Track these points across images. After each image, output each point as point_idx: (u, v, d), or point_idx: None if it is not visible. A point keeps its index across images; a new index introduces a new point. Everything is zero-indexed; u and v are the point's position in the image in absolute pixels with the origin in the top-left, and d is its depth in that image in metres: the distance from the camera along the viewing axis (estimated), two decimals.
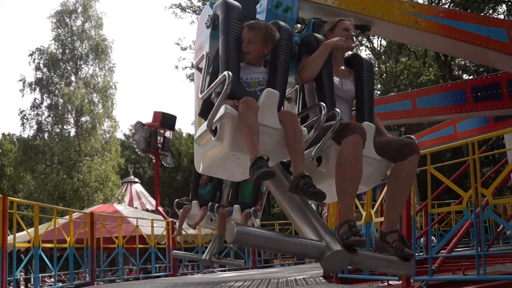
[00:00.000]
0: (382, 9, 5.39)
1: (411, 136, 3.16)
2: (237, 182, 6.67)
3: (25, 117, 27.25)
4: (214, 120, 2.72)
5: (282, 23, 3.34)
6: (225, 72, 2.66)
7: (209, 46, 3.13)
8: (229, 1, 3.15)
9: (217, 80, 2.74)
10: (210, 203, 7.24)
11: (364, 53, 46.18)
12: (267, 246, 2.59)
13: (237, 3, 3.18)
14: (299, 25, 3.92)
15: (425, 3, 20.26)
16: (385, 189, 5.44)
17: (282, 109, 3.04)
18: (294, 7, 3.69)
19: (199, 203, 7.34)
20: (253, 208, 6.81)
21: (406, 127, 22.93)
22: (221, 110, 2.66)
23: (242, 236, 2.48)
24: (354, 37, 3.42)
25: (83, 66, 28.23)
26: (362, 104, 3.28)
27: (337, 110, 2.92)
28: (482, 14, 21.49)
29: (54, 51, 27.80)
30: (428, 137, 10.47)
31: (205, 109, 2.99)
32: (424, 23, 5.71)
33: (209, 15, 3.29)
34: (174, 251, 8.59)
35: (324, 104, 2.90)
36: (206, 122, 2.79)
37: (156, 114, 12.59)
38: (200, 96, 2.99)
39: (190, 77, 28.90)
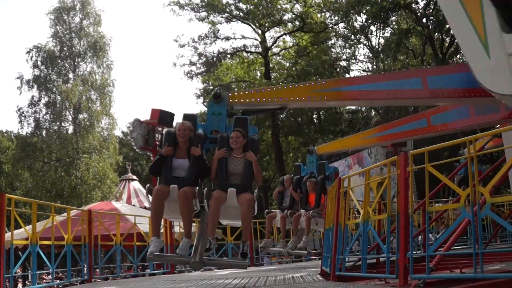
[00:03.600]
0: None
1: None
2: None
3: (23, 115, 27.21)
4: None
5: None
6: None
7: None
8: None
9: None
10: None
11: (362, 51, 46.05)
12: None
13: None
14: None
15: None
16: (382, 187, 5.46)
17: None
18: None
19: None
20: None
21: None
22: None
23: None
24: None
25: (81, 63, 28.22)
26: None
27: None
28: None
29: (52, 48, 27.76)
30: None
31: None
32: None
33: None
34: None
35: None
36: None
37: (154, 111, 12.47)
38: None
39: (188, 75, 28.92)
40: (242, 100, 6.80)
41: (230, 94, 6.66)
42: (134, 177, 26.34)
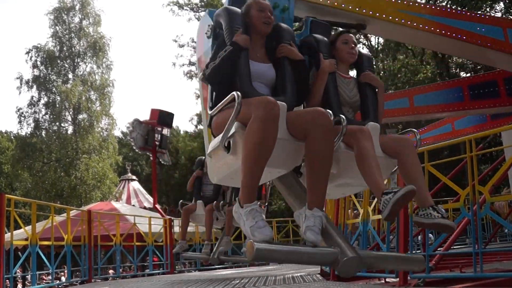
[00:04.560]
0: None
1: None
2: None
3: (23, 115, 27.20)
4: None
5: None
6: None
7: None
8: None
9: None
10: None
11: (362, 51, 46.17)
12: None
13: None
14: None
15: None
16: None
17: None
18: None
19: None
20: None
21: (403, 125, 22.94)
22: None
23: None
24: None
25: (80, 63, 28.19)
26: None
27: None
28: (480, 12, 21.55)
29: (52, 48, 27.73)
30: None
31: None
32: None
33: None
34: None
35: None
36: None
37: (153, 111, 12.55)
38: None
39: (188, 75, 28.89)
40: None
41: None
42: (134, 177, 26.29)
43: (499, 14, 23.22)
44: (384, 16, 5.39)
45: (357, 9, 5.09)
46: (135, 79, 75.86)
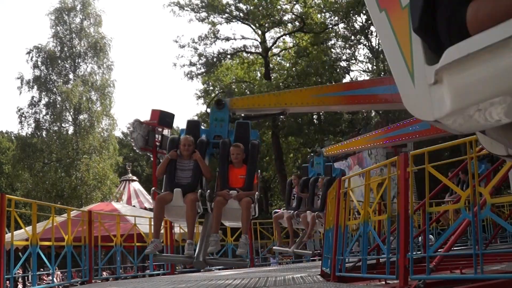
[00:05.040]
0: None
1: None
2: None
3: (23, 115, 27.22)
4: None
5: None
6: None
7: None
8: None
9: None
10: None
11: (362, 52, 46.00)
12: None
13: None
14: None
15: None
16: (382, 188, 5.46)
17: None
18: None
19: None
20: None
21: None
22: None
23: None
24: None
25: (81, 64, 28.25)
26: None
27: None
28: None
29: (52, 48, 27.77)
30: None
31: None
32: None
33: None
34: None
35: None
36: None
37: (154, 112, 12.54)
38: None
39: (188, 75, 28.90)
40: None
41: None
42: (134, 177, 26.31)
43: None
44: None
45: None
46: (136, 79, 76.00)
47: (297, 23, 28.98)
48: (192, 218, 6.07)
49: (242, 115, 7.24)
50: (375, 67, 28.13)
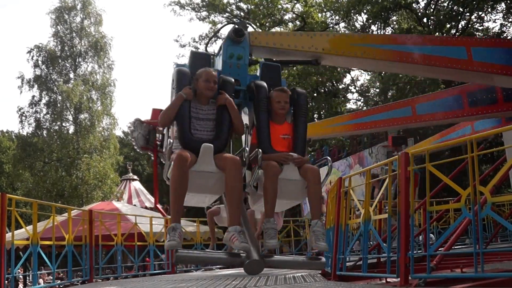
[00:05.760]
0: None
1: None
2: None
3: (24, 114, 27.21)
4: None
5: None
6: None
7: None
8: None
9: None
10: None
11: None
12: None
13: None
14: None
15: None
16: (383, 186, 5.46)
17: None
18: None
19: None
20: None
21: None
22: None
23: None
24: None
25: (82, 63, 28.23)
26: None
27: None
28: (481, 12, 21.66)
29: (53, 48, 27.75)
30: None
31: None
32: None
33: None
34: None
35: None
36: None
37: (154, 111, 12.50)
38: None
39: None
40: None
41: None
42: (135, 177, 26.33)
43: (500, 15, 23.19)
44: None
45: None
46: (137, 78, 76.00)
47: (298, 22, 28.97)
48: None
49: (261, 59, 5.51)
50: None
